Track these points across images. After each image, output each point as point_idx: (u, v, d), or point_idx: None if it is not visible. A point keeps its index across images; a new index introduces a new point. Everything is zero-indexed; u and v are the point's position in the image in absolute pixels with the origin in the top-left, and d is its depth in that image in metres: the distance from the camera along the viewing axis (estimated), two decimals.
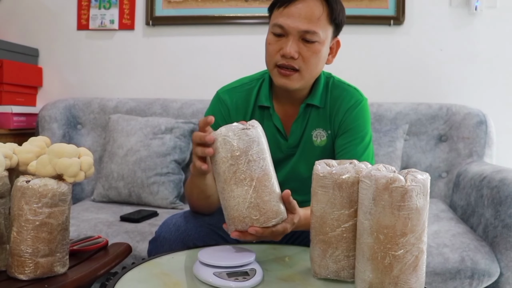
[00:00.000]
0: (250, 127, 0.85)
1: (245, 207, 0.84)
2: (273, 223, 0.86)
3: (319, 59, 1.10)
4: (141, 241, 1.49)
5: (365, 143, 1.14)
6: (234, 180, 0.84)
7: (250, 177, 0.84)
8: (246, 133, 0.84)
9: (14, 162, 0.93)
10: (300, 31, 1.05)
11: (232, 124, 0.86)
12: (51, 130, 2.07)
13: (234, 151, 0.83)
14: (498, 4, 2.06)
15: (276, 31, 1.08)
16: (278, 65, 1.09)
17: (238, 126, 0.85)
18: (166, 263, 0.93)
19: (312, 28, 1.05)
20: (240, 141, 0.83)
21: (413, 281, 0.73)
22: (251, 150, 0.83)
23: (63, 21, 2.33)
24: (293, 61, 1.07)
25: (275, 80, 1.11)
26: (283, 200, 0.88)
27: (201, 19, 2.22)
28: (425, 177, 0.74)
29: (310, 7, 1.05)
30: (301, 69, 1.08)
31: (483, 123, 1.89)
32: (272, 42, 1.09)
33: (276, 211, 0.86)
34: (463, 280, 1.35)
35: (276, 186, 0.88)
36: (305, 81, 1.11)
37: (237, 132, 0.84)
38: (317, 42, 1.07)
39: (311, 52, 1.07)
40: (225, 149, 0.84)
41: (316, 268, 0.85)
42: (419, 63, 2.13)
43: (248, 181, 0.84)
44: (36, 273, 0.86)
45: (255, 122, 0.88)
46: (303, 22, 1.05)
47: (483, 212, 1.52)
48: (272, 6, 1.11)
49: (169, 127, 1.94)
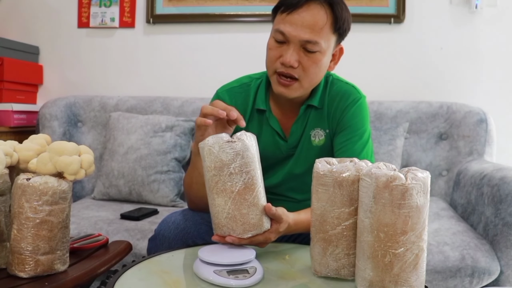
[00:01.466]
0: (235, 140, 0.86)
1: (223, 217, 0.88)
2: (249, 235, 0.88)
3: (320, 69, 1.08)
4: (141, 239, 1.49)
5: (364, 140, 1.14)
6: (215, 190, 0.87)
7: (230, 189, 0.86)
8: (230, 146, 0.85)
9: (14, 160, 0.93)
10: (302, 40, 1.03)
11: (219, 135, 0.87)
12: (51, 128, 2.07)
13: (216, 162, 0.85)
14: (499, 3, 2.06)
15: (277, 37, 1.06)
16: (277, 72, 1.08)
17: (223, 138, 0.86)
18: (166, 261, 0.93)
19: (314, 38, 1.03)
20: (223, 153, 0.85)
21: (414, 279, 0.73)
22: (234, 163, 0.85)
23: (64, 19, 2.32)
24: (293, 70, 1.05)
25: (274, 88, 1.10)
26: (267, 214, 0.89)
27: (201, 17, 2.22)
28: (425, 175, 0.74)
29: (314, 16, 1.03)
30: (300, 78, 1.07)
31: (484, 121, 1.89)
32: (273, 48, 1.07)
33: (254, 224, 0.88)
34: (464, 278, 1.36)
35: (259, 198, 0.88)
36: (304, 89, 1.10)
37: (221, 145, 0.85)
38: (318, 52, 1.05)
39: (311, 62, 1.05)
40: (210, 159, 0.86)
41: (317, 266, 0.85)
42: (420, 62, 2.13)
43: (228, 193, 0.86)
44: (36, 271, 0.86)
45: (244, 135, 0.88)
46: (305, 32, 1.02)
47: (483, 210, 1.52)
48: (276, 9, 1.09)
49: (169, 125, 1.94)
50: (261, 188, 0.90)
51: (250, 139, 0.89)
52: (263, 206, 0.89)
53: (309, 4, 1.03)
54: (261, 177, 0.90)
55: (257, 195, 0.88)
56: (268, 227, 0.90)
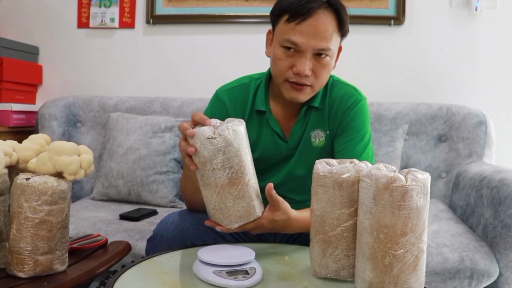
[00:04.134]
0: (216, 136, 0.84)
1: (211, 208, 0.91)
2: (235, 226, 0.90)
3: (329, 72, 1.11)
4: (140, 240, 1.49)
5: (365, 142, 1.14)
6: (202, 182, 0.89)
7: (215, 183, 0.87)
8: (210, 142, 0.84)
9: (14, 159, 0.93)
10: (315, 49, 1.04)
11: (202, 130, 0.85)
12: (50, 128, 2.07)
13: (200, 157, 0.86)
14: (498, 5, 2.06)
15: (288, 46, 1.05)
16: (289, 81, 1.08)
17: (205, 134, 0.84)
18: (166, 261, 0.93)
19: (327, 45, 1.04)
20: (205, 149, 0.85)
21: (413, 280, 0.73)
22: (216, 159, 0.85)
23: (64, 19, 2.32)
24: (306, 78, 1.06)
25: (285, 94, 1.10)
26: (266, 194, 0.91)
27: (201, 18, 2.22)
28: (425, 177, 0.74)
29: (324, 24, 1.03)
30: (313, 84, 1.08)
31: (483, 123, 1.90)
32: (283, 58, 1.07)
33: (240, 215, 0.89)
34: (463, 280, 1.36)
35: (245, 191, 0.88)
36: (314, 93, 1.12)
37: (202, 141, 0.84)
38: (328, 56, 1.07)
39: (322, 67, 1.07)
40: (194, 154, 0.87)
41: (316, 267, 0.85)
42: (419, 63, 2.13)
43: (213, 187, 0.87)
44: (35, 271, 0.86)
45: (226, 129, 0.85)
46: (317, 40, 1.03)
47: (482, 212, 1.52)
48: (278, 15, 1.08)
49: (169, 125, 1.94)
50: (249, 179, 0.89)
51: (233, 132, 0.85)
52: (251, 197, 0.89)
53: (316, 12, 1.03)
54: (249, 166, 0.89)
55: (243, 187, 0.88)
56: (259, 215, 0.91)
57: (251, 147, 1.19)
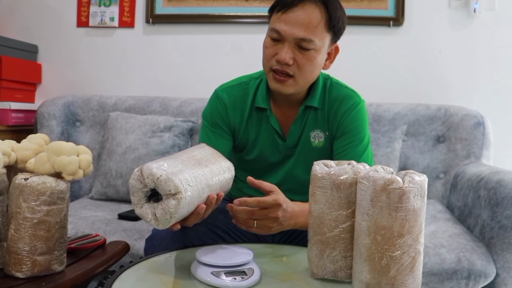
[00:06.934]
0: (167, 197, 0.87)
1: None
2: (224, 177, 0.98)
3: (315, 66, 1.09)
4: (139, 240, 1.49)
5: (364, 144, 1.15)
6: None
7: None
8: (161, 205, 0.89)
9: (12, 159, 0.93)
10: (296, 38, 1.05)
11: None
12: (49, 127, 2.07)
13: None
14: (497, 7, 2.07)
15: (273, 36, 1.08)
16: (273, 70, 1.09)
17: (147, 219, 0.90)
18: (164, 261, 0.93)
19: (309, 36, 1.04)
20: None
21: (410, 282, 0.74)
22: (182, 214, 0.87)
23: (63, 18, 2.32)
24: (288, 67, 1.07)
25: (270, 84, 1.12)
26: (254, 186, 0.97)
27: (201, 17, 2.22)
28: (422, 179, 0.74)
29: (308, 15, 1.04)
30: (295, 75, 1.08)
31: (481, 124, 1.90)
32: (269, 46, 1.09)
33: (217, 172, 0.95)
34: (460, 281, 1.36)
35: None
36: (299, 86, 1.11)
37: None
38: (312, 49, 1.06)
39: (306, 59, 1.07)
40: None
41: (314, 268, 0.85)
42: (418, 64, 2.13)
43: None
44: (33, 271, 0.86)
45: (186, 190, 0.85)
46: (300, 30, 1.04)
47: (480, 213, 1.52)
48: (272, 8, 1.11)
49: (168, 125, 1.94)
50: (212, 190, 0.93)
51: (189, 192, 0.85)
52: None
53: (303, 3, 1.05)
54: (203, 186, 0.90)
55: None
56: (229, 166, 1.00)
57: (250, 146, 1.20)
